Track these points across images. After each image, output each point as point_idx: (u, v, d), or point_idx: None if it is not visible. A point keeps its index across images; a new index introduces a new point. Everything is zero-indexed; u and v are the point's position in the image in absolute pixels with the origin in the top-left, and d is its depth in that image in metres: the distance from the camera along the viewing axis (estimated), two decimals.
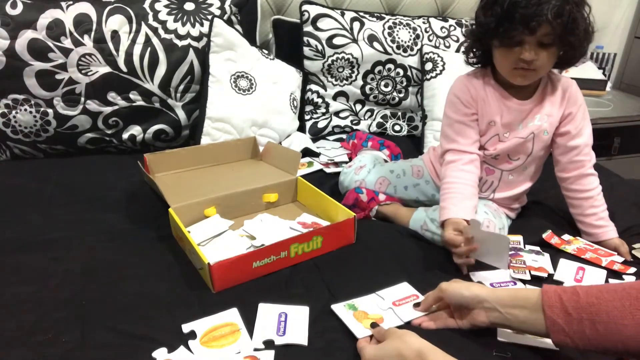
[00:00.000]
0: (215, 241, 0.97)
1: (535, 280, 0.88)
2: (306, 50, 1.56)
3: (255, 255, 0.85)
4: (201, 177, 1.21)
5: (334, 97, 1.61)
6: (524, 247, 0.99)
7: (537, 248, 0.98)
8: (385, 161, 1.31)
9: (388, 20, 1.63)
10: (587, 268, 0.91)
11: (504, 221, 1.05)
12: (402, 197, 1.17)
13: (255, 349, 0.70)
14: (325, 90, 1.60)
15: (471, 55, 1.02)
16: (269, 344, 0.71)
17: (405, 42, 1.62)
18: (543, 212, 1.14)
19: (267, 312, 0.77)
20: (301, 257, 0.92)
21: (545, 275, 0.89)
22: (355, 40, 1.56)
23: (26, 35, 1.26)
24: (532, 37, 0.88)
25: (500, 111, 1.00)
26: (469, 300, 0.71)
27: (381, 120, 1.66)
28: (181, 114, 1.41)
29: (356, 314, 0.79)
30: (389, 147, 1.37)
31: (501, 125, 1.01)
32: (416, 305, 0.79)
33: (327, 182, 1.28)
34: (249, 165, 1.30)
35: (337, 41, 1.55)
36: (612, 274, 0.90)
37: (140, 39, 1.34)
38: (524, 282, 0.88)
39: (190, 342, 0.71)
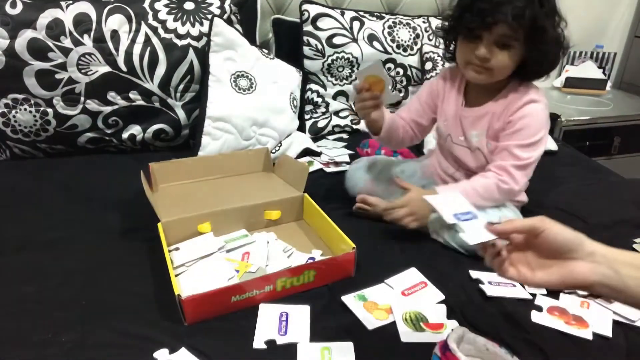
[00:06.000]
0: (201, 263, 0.89)
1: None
2: (306, 50, 1.55)
3: (234, 290, 0.77)
4: (204, 189, 1.14)
5: (334, 97, 1.61)
6: None
7: None
8: None
9: (388, 20, 1.63)
10: None
11: (505, 213, 1.00)
12: None
13: (256, 349, 0.70)
14: (325, 89, 1.60)
15: (447, 49, 1.04)
16: (270, 344, 0.71)
17: (405, 42, 1.62)
18: (542, 213, 1.13)
19: (268, 312, 0.77)
20: (289, 290, 0.82)
21: None
22: (355, 40, 1.56)
23: (26, 34, 1.25)
24: (489, 34, 0.88)
25: (452, 112, 1.03)
26: (571, 246, 0.56)
27: None
28: (181, 114, 1.41)
29: (366, 304, 0.80)
30: (402, 154, 1.36)
31: (452, 126, 1.05)
32: (490, 224, 0.62)
33: (327, 181, 1.28)
34: (258, 178, 1.22)
35: (337, 40, 1.55)
36: None
37: (140, 38, 1.33)
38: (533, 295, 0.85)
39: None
